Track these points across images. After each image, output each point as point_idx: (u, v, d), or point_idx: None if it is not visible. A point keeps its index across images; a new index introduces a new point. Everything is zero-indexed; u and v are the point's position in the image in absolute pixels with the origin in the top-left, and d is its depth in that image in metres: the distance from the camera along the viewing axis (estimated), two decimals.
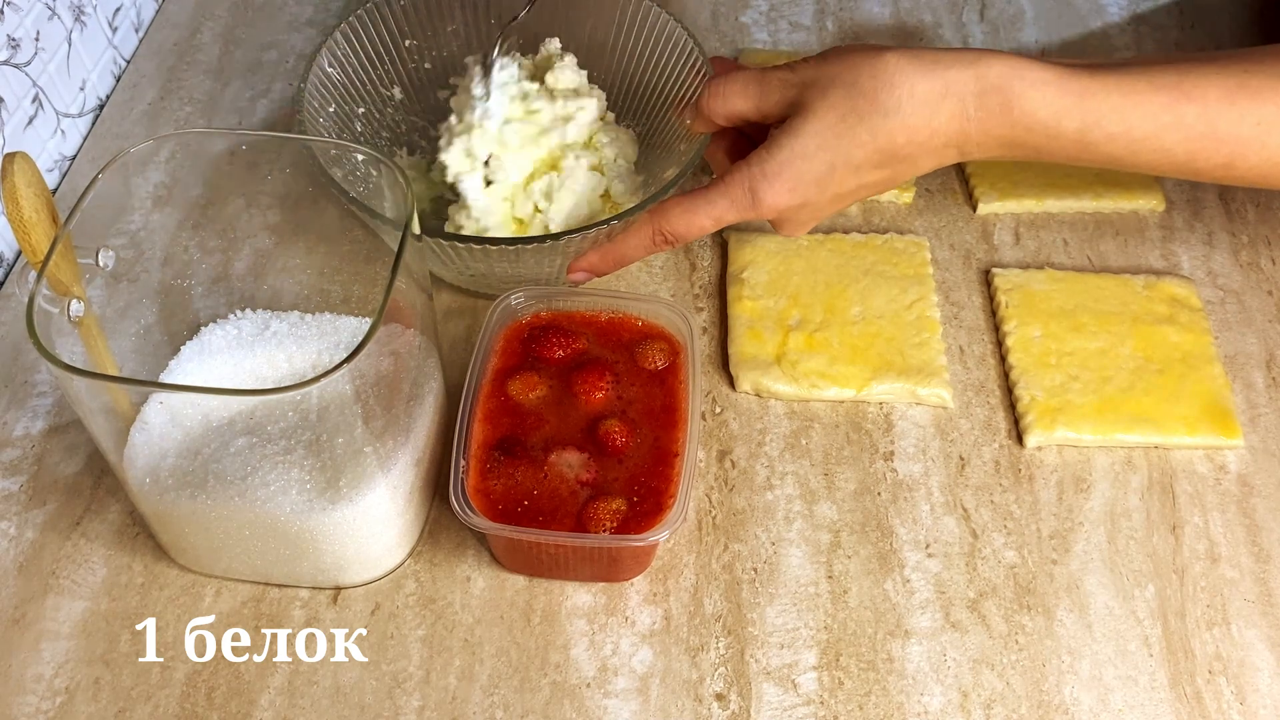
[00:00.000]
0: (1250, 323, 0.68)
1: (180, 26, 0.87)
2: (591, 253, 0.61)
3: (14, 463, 0.61)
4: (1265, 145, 0.54)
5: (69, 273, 0.49)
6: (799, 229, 0.59)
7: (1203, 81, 0.54)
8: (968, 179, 0.75)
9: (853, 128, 0.52)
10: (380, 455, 0.51)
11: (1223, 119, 0.54)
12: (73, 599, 0.56)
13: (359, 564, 0.55)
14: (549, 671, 0.54)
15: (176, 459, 0.52)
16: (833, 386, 0.63)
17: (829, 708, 0.52)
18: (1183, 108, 0.53)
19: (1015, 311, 0.66)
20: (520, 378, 0.57)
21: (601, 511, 0.52)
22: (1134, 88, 0.53)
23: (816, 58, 0.56)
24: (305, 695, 0.53)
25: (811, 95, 0.53)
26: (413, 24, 0.71)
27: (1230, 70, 0.54)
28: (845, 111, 0.52)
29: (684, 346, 0.58)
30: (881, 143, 0.53)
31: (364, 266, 0.65)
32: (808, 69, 0.55)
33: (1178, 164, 0.55)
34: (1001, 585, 0.57)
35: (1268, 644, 0.55)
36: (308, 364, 0.58)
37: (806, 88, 0.54)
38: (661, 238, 0.59)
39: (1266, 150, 0.54)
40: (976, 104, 0.52)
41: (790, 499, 0.60)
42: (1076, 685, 0.53)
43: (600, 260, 0.61)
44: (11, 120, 0.69)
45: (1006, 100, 0.52)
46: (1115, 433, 0.61)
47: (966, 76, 0.52)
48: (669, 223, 0.58)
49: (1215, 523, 0.59)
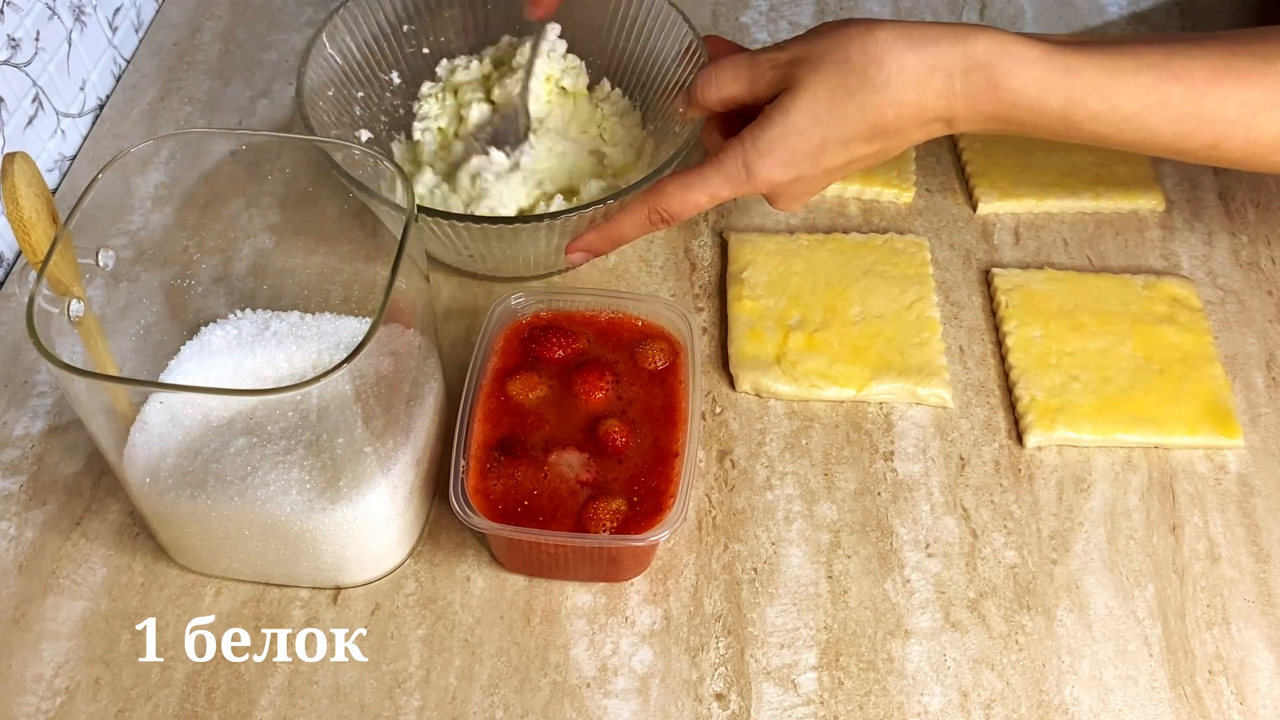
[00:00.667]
0: (1250, 323, 0.68)
1: (180, 26, 0.87)
2: (589, 233, 0.61)
3: (14, 463, 0.61)
4: (1251, 128, 0.54)
5: (69, 273, 0.49)
6: (793, 203, 0.59)
7: (1190, 63, 0.54)
8: (968, 179, 0.75)
9: (843, 103, 0.53)
10: (380, 455, 0.51)
11: (1208, 101, 0.54)
12: (73, 599, 0.56)
13: (359, 564, 0.55)
14: (549, 671, 0.54)
15: (176, 459, 0.52)
16: (833, 386, 0.63)
17: (829, 708, 0.52)
18: (1168, 88, 0.53)
19: (1015, 311, 0.66)
20: (520, 378, 0.57)
21: (601, 511, 0.52)
22: (1120, 67, 0.53)
23: (806, 34, 0.56)
24: (305, 695, 0.53)
25: (803, 72, 0.54)
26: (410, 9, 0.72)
27: (1218, 51, 0.54)
28: (836, 87, 0.53)
29: (684, 346, 0.58)
30: (872, 118, 0.53)
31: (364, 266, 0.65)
32: (798, 46, 0.56)
33: (1163, 144, 0.55)
34: (1001, 585, 0.57)
35: (1268, 644, 0.55)
36: (308, 364, 0.58)
37: (797, 65, 0.54)
38: (658, 216, 0.59)
39: (1252, 133, 0.54)
40: (963, 80, 0.52)
41: (790, 499, 0.60)
42: (1076, 685, 0.53)
43: (598, 239, 0.61)
44: (11, 120, 0.69)
45: (992, 78, 0.52)
46: (1115, 433, 0.61)
47: (954, 53, 0.52)
48: (665, 201, 0.58)
49: (1215, 523, 0.59)
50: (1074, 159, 0.75)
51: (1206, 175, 0.76)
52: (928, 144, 0.78)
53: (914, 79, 0.52)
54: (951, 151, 0.78)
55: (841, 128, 0.54)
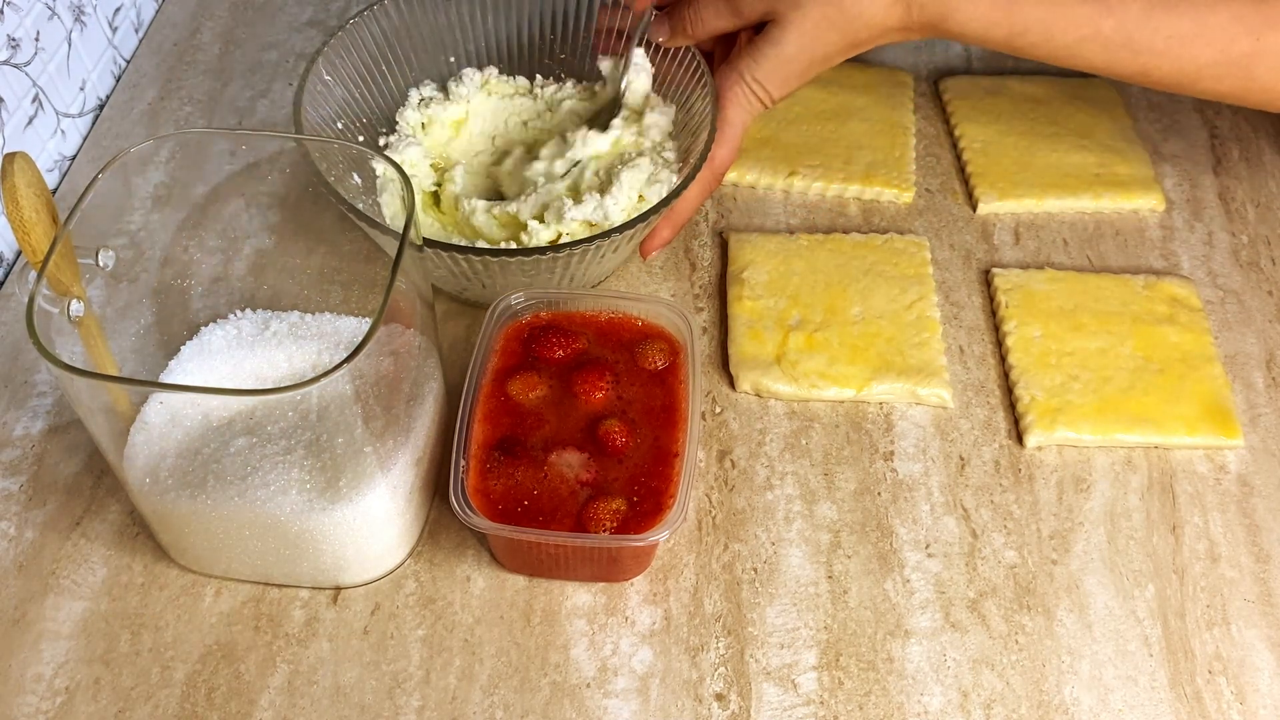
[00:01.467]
0: (1250, 323, 0.68)
1: (180, 26, 0.87)
2: (662, 228, 0.65)
3: (14, 463, 0.61)
4: (1178, 58, 0.60)
5: (69, 273, 0.49)
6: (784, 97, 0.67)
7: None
8: (968, 179, 0.75)
9: (825, 32, 0.62)
10: (380, 455, 0.51)
11: (1139, 32, 0.60)
12: (73, 599, 0.56)
13: (359, 564, 0.55)
14: (549, 671, 0.54)
15: (176, 459, 0.52)
16: (833, 386, 0.63)
17: (829, 708, 0.52)
18: (1101, 21, 0.60)
19: (1015, 311, 0.66)
20: (520, 378, 0.57)
21: (601, 511, 0.52)
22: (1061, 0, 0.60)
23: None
24: (305, 695, 0.53)
25: (786, 6, 0.62)
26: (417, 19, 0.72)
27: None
28: (818, 19, 0.61)
29: (684, 346, 0.58)
30: (849, 40, 0.63)
31: (364, 266, 0.65)
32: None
33: (1098, 69, 0.63)
34: (1001, 585, 0.57)
35: (1268, 644, 0.55)
36: (308, 364, 0.58)
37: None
38: (713, 178, 0.65)
39: (1179, 62, 0.61)
40: (920, 11, 0.61)
41: (790, 499, 0.60)
42: (1076, 685, 0.53)
43: (671, 231, 0.66)
44: (11, 120, 0.69)
45: (944, 12, 0.61)
46: (1115, 433, 0.61)
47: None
48: (715, 164, 0.64)
49: (1215, 523, 0.59)
50: (1074, 159, 0.75)
51: (1206, 175, 0.76)
52: (928, 144, 0.78)
53: (881, 7, 0.61)
54: (951, 151, 0.78)
55: (825, 50, 0.63)
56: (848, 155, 0.75)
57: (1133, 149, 0.76)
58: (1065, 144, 0.76)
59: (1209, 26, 0.59)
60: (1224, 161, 0.77)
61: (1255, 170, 0.76)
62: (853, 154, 0.75)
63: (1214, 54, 0.60)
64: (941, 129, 0.79)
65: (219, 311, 0.60)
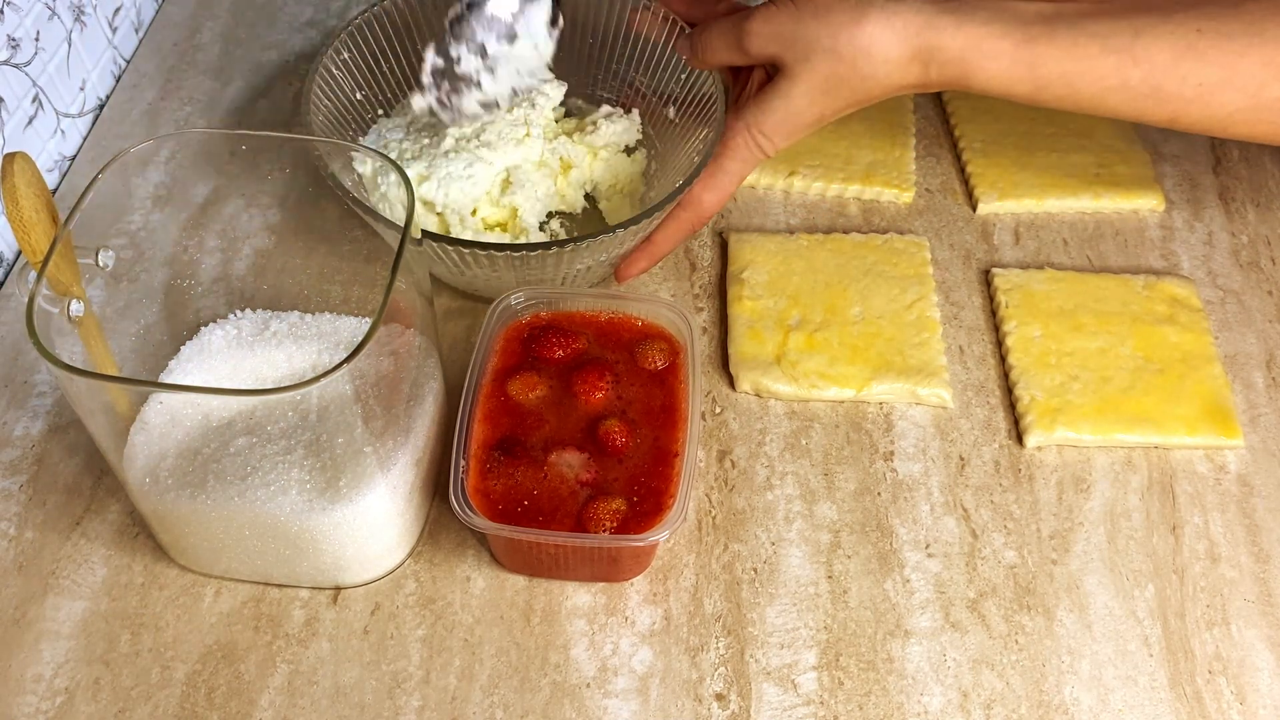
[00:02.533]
0: (1250, 323, 0.68)
1: (180, 26, 0.87)
2: (638, 258, 0.65)
3: (14, 463, 0.61)
4: (1207, 105, 0.58)
5: (69, 273, 0.49)
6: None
7: (1155, 43, 0.56)
8: (968, 179, 0.75)
9: (836, 88, 0.60)
10: (380, 455, 0.51)
11: (1167, 81, 0.57)
12: (73, 599, 0.56)
13: (359, 564, 0.55)
14: (549, 671, 0.54)
15: (176, 459, 0.52)
16: (833, 386, 0.63)
17: (829, 708, 0.52)
18: (1128, 72, 0.57)
19: (1015, 311, 0.66)
20: (520, 378, 0.57)
21: (601, 511, 0.52)
22: (1085, 52, 0.57)
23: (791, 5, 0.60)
24: (305, 695, 0.53)
25: (794, 58, 0.60)
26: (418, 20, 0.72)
27: (1184, 28, 0.56)
28: (827, 74, 0.59)
29: (684, 346, 0.58)
30: (860, 97, 0.61)
31: (364, 266, 0.65)
32: (784, 20, 0.60)
33: (1123, 117, 0.60)
34: (1001, 585, 0.57)
35: (1268, 644, 0.55)
36: (308, 364, 0.58)
37: (788, 46, 0.60)
38: (698, 220, 0.65)
39: (1208, 109, 0.58)
40: (939, 71, 0.59)
41: (790, 499, 0.60)
42: (1076, 685, 0.53)
43: (648, 262, 0.66)
44: (11, 120, 0.69)
45: (965, 72, 0.58)
46: (1115, 433, 0.61)
47: (932, 46, 0.58)
48: (699, 208, 0.64)
49: (1215, 523, 0.59)
50: (1074, 159, 0.75)
51: (1206, 175, 0.76)
52: (928, 144, 0.78)
53: (896, 68, 0.59)
54: (951, 151, 0.78)
55: (835, 105, 0.61)
56: (848, 155, 0.75)
57: (1133, 149, 0.76)
58: (1065, 144, 0.76)
59: (1239, 73, 0.56)
60: (1224, 161, 0.77)
61: (1255, 170, 0.76)
62: (853, 154, 0.75)
63: (1244, 100, 0.57)
64: (941, 129, 0.79)
65: (219, 311, 0.60)
